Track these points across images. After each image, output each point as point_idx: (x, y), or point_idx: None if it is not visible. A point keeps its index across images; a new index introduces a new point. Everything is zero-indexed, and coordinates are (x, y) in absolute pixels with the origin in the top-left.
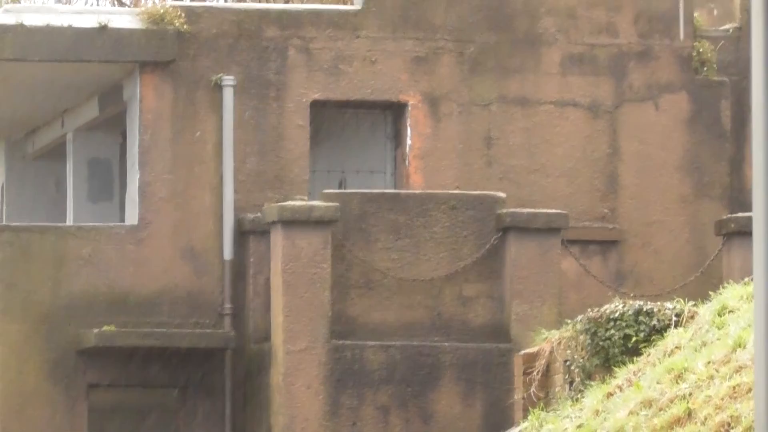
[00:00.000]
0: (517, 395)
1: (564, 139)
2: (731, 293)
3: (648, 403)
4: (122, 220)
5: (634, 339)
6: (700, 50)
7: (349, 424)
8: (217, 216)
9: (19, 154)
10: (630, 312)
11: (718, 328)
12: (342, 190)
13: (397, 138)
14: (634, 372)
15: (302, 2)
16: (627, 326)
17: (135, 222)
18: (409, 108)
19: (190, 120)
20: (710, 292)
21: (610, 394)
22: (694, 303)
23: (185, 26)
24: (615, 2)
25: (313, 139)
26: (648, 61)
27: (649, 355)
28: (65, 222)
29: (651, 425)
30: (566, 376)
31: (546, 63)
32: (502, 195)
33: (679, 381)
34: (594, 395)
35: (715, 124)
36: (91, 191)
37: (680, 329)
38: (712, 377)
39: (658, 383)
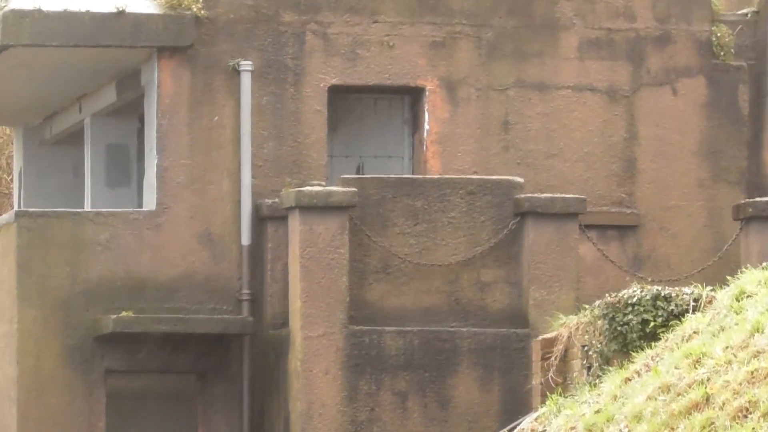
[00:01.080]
0: (535, 380)
1: (581, 123)
2: (749, 278)
3: (666, 388)
4: (140, 205)
5: (652, 324)
6: (718, 35)
7: (367, 410)
8: (234, 201)
9: (36, 140)
10: (648, 297)
11: (736, 313)
12: (360, 175)
13: (415, 123)
14: (652, 357)
15: None
16: (645, 311)
17: (153, 207)
18: (427, 93)
19: (208, 105)
20: (728, 277)
21: (628, 380)
22: (711, 288)
23: (203, 11)
24: None
25: (331, 125)
26: (665, 46)
27: (667, 340)
28: (83, 207)
29: (669, 410)
30: (584, 362)
31: (564, 47)
32: (519, 180)
33: (697, 366)
34: (612, 380)
35: (733, 108)
36: (108, 177)
37: (698, 314)
38: (730, 362)
39: (676, 368)
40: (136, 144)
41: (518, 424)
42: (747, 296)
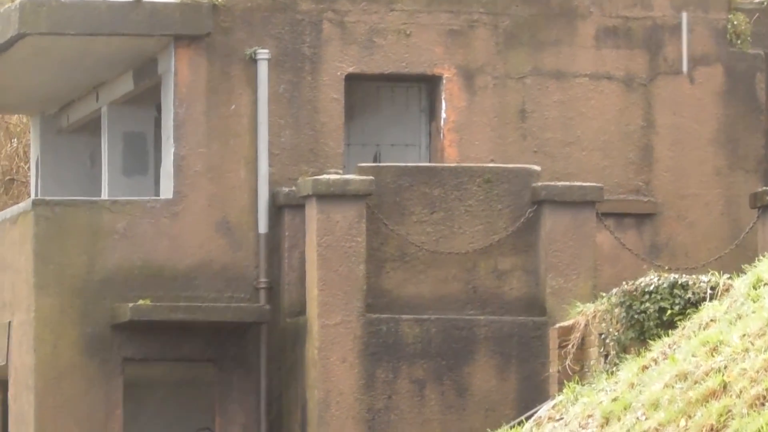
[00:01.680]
0: (552, 368)
1: (599, 112)
2: (766, 266)
3: (683, 376)
4: (157, 193)
5: (669, 312)
6: (735, 23)
7: (384, 398)
8: (251, 190)
9: (53, 129)
10: (665, 285)
11: (753, 301)
12: (377, 164)
13: (432, 111)
14: (669, 345)
15: None
16: (662, 299)
17: (170, 196)
18: (444, 81)
19: (225, 93)
20: (745, 265)
21: (645, 368)
22: (729, 276)
23: (220, 0)
24: None
25: (348, 113)
26: (682, 34)
27: (684, 328)
28: (100, 196)
29: (686, 398)
30: (601, 350)
31: (581, 36)
32: (536, 168)
33: (714, 354)
34: (629, 368)
35: (750, 96)
36: (125, 165)
37: (715, 302)
38: (747, 350)
39: (693, 356)
40: (153, 132)
41: (535, 412)
42: (764, 284)
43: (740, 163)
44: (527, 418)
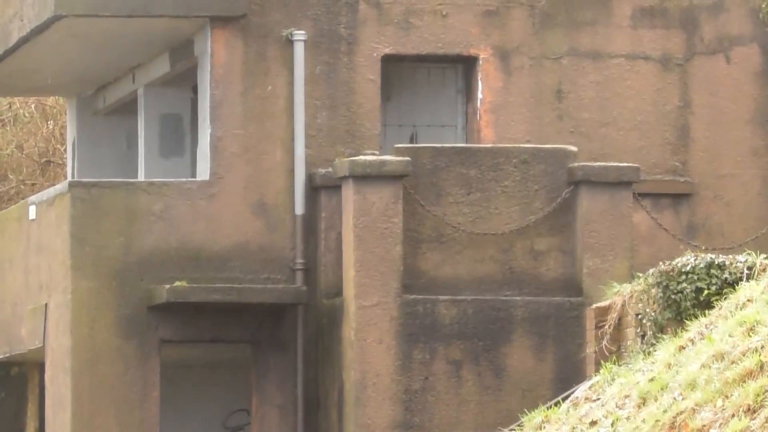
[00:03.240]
0: (589, 349)
1: (635, 92)
2: None
3: (720, 356)
4: (194, 175)
5: (705, 292)
6: None
7: (421, 379)
8: (288, 171)
9: (90, 110)
10: (702, 265)
11: None
12: (413, 145)
13: (468, 92)
14: (705, 325)
15: None
16: (699, 279)
17: (206, 177)
18: (480, 62)
19: (261, 75)
20: None
21: (681, 348)
22: (766, 256)
23: None
24: None
25: (384, 94)
26: (719, 14)
27: (720, 308)
28: (136, 178)
29: (723, 378)
30: (638, 330)
31: (617, 16)
32: (573, 149)
33: (751, 334)
34: (666, 348)
35: None
36: (162, 147)
37: (752, 282)
38: None
39: (729, 336)
40: (190, 114)
41: (572, 393)
42: None
43: None
44: (564, 399)
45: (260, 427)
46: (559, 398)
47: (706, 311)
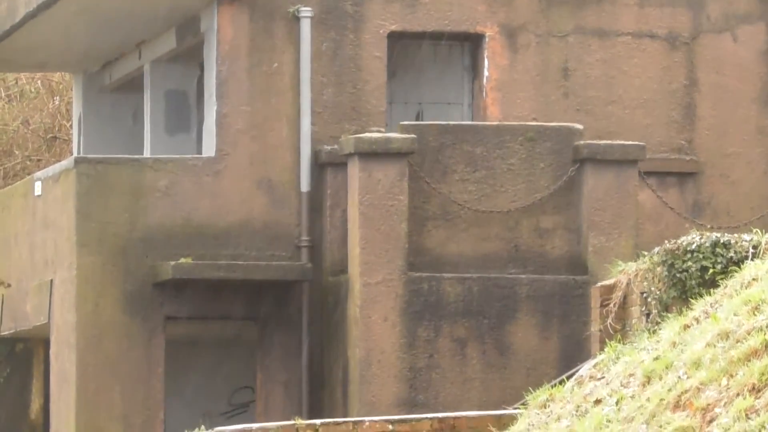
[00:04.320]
0: (594, 327)
1: (641, 70)
2: None
3: (725, 335)
4: (199, 152)
5: (711, 271)
6: None
7: (425, 356)
8: (294, 148)
9: (96, 86)
10: (707, 244)
11: None
12: (419, 122)
13: (475, 69)
14: (711, 304)
15: None
16: (704, 258)
17: (212, 154)
18: (487, 39)
19: (268, 52)
20: None
21: (686, 326)
22: None
23: None
24: None
25: (390, 71)
26: None
27: (726, 287)
28: (142, 154)
29: (728, 357)
30: (643, 308)
31: None
32: (579, 126)
33: (756, 313)
34: (671, 327)
35: None
36: (168, 123)
37: (757, 261)
38: None
39: (735, 315)
40: (196, 90)
41: (577, 371)
42: None
43: None
44: (569, 377)
45: (265, 404)
46: (564, 377)
47: (711, 290)
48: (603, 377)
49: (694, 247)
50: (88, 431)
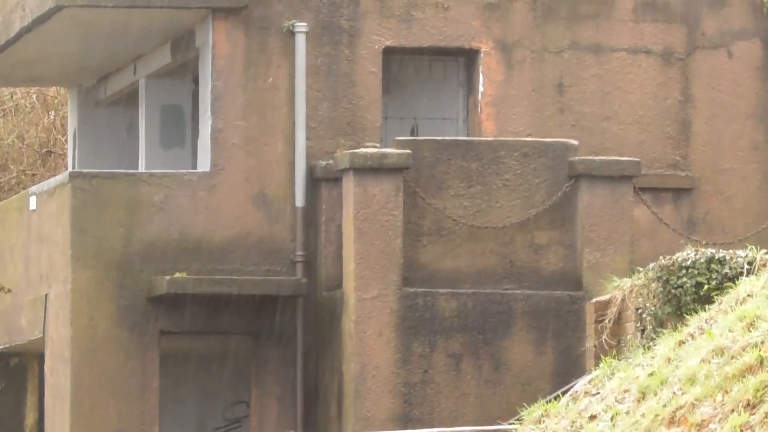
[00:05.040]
0: (589, 343)
1: (636, 86)
2: None
3: (720, 351)
4: (194, 166)
5: (706, 287)
6: None
7: (420, 372)
8: (289, 163)
9: (91, 101)
10: (702, 260)
11: None
12: (414, 137)
13: (470, 85)
14: (705, 320)
15: None
16: (699, 274)
17: (207, 168)
18: (482, 55)
19: (263, 66)
20: None
21: (681, 342)
22: (766, 251)
23: None
24: None
25: (385, 86)
26: (720, 8)
27: (720, 303)
28: (137, 168)
29: (723, 373)
30: (638, 324)
31: (619, 9)
32: (574, 142)
33: (751, 329)
34: (666, 343)
35: None
36: (163, 138)
37: (752, 277)
38: None
39: (730, 331)
40: (191, 105)
41: (572, 387)
42: None
43: None
44: (564, 393)
45: (259, 418)
46: (559, 392)
47: (706, 306)
48: (598, 393)
49: (689, 263)
50: None
